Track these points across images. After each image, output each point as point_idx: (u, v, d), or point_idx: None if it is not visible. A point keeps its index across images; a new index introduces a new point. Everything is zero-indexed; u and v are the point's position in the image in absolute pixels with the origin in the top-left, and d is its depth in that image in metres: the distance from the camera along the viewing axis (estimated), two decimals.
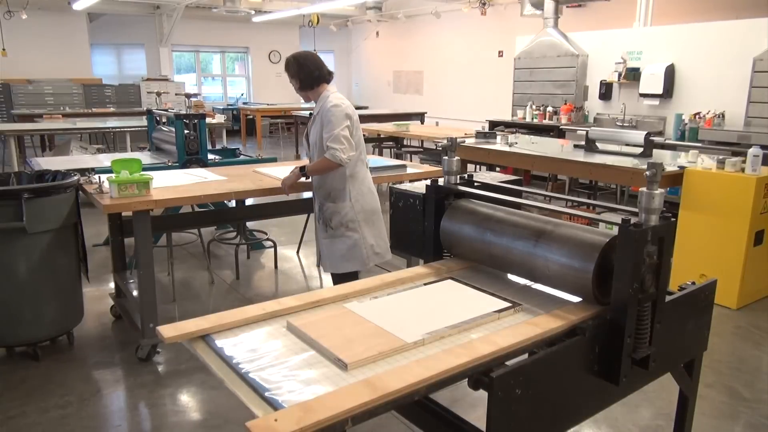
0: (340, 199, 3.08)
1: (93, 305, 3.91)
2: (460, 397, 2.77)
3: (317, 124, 3.03)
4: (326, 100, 3.00)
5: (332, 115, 2.95)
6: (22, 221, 2.92)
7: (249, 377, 1.35)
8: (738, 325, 3.81)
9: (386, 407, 1.27)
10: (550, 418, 1.57)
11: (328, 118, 2.94)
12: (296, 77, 3.04)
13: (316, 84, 3.04)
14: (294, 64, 3.04)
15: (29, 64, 11.75)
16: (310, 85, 3.04)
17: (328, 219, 3.11)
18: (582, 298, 1.77)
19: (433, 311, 1.71)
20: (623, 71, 7.31)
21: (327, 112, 2.96)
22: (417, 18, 12.71)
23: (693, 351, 1.97)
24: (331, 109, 2.96)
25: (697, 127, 6.31)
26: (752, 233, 3.94)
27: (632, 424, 2.70)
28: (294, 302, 1.75)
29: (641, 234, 1.55)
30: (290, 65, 3.05)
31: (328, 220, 3.11)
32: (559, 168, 5.21)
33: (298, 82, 3.04)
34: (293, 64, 3.05)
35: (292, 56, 3.06)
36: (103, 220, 3.87)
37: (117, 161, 3.18)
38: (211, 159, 4.98)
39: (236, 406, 1.68)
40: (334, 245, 3.10)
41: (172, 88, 11.37)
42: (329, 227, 3.11)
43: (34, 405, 2.78)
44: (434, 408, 1.95)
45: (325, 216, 3.12)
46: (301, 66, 3.02)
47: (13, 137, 7.49)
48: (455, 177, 2.17)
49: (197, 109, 6.26)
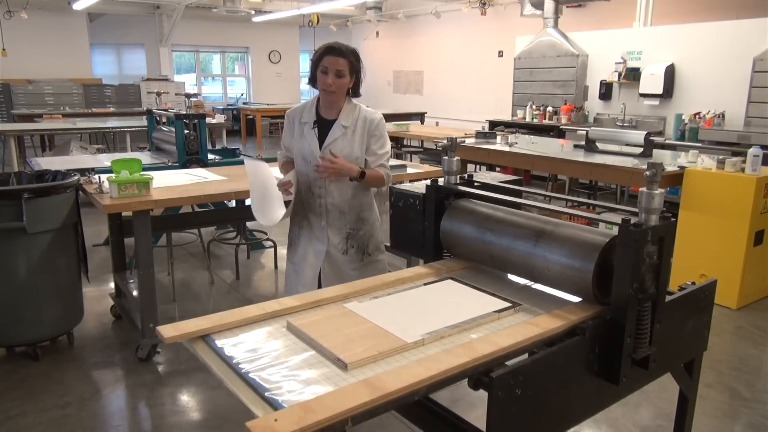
0: (372, 219, 2.65)
1: (93, 305, 3.91)
2: (460, 397, 2.77)
3: (349, 137, 2.50)
4: (362, 110, 2.54)
5: (384, 129, 2.56)
6: (22, 221, 2.92)
7: (249, 377, 1.35)
8: (738, 325, 3.81)
9: (386, 407, 1.27)
10: (550, 418, 1.57)
11: (381, 132, 2.54)
12: (355, 74, 2.47)
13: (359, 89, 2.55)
14: (357, 58, 2.47)
15: (29, 64, 11.75)
16: (358, 88, 2.53)
17: (365, 244, 2.62)
18: (582, 298, 1.77)
19: (433, 311, 1.71)
20: (623, 71, 7.31)
21: (377, 124, 2.53)
22: (417, 18, 12.71)
23: (693, 351, 1.97)
24: (381, 122, 2.55)
25: (697, 127, 6.31)
26: (752, 233, 3.94)
27: (632, 424, 2.70)
28: (294, 302, 1.75)
29: (641, 234, 1.55)
30: (352, 55, 2.44)
31: (364, 246, 2.61)
32: (559, 168, 5.21)
33: (352, 80, 2.47)
34: (356, 56, 2.46)
35: (351, 48, 2.46)
36: (103, 220, 3.87)
37: (117, 161, 3.18)
38: (211, 159, 4.98)
39: (236, 406, 1.67)
40: (367, 273, 2.52)
41: (172, 88, 11.36)
42: (366, 254, 2.62)
43: (34, 405, 2.78)
44: (434, 408, 1.95)
45: (361, 241, 2.60)
46: (360, 63, 2.49)
47: (13, 137, 7.49)
48: (455, 177, 2.17)
49: (197, 109, 6.25)
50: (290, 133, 2.59)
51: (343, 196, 2.54)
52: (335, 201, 2.53)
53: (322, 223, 2.57)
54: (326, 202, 2.54)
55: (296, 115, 2.58)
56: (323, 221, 2.56)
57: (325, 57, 2.39)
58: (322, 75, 2.40)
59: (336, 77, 2.39)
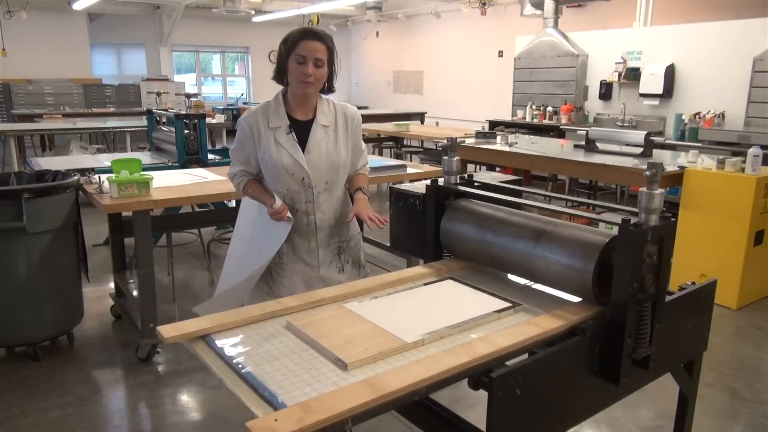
0: (356, 226, 2.35)
1: (93, 305, 3.91)
2: (460, 397, 2.77)
3: (332, 138, 2.19)
4: (336, 105, 2.24)
5: (361, 123, 2.30)
6: (22, 221, 2.92)
7: (249, 377, 1.35)
8: (738, 325, 3.81)
9: (386, 407, 1.27)
10: (550, 418, 1.57)
11: (360, 127, 2.29)
12: (331, 65, 2.13)
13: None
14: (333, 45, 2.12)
15: (29, 64, 11.74)
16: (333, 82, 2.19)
17: (358, 257, 2.36)
18: (582, 298, 1.77)
19: (433, 311, 1.71)
20: (623, 71, 7.31)
21: (357, 118, 2.27)
22: (417, 18, 12.71)
23: (693, 351, 1.97)
24: (358, 115, 2.28)
25: (697, 127, 6.31)
26: (752, 233, 3.94)
27: (632, 424, 2.70)
28: (294, 302, 1.75)
29: (641, 234, 1.55)
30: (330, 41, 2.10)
31: (358, 259, 2.35)
32: (559, 168, 5.21)
33: (329, 72, 2.13)
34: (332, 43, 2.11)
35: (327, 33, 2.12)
36: (103, 220, 3.87)
37: (117, 161, 3.18)
38: (211, 159, 4.98)
39: (236, 406, 1.68)
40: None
41: (172, 88, 11.36)
42: (361, 267, 2.36)
43: (34, 405, 2.78)
44: (434, 408, 1.95)
45: (354, 254, 2.33)
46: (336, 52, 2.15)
47: (13, 137, 7.48)
48: (455, 177, 2.17)
49: (197, 109, 6.26)
50: (251, 143, 2.17)
51: (332, 208, 2.23)
52: (325, 216, 2.21)
53: (311, 244, 2.21)
54: (316, 219, 2.19)
55: (257, 121, 2.16)
56: (312, 242, 2.20)
57: (301, 42, 2.04)
58: (297, 65, 2.05)
59: (315, 67, 2.04)
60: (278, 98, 2.21)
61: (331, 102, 2.24)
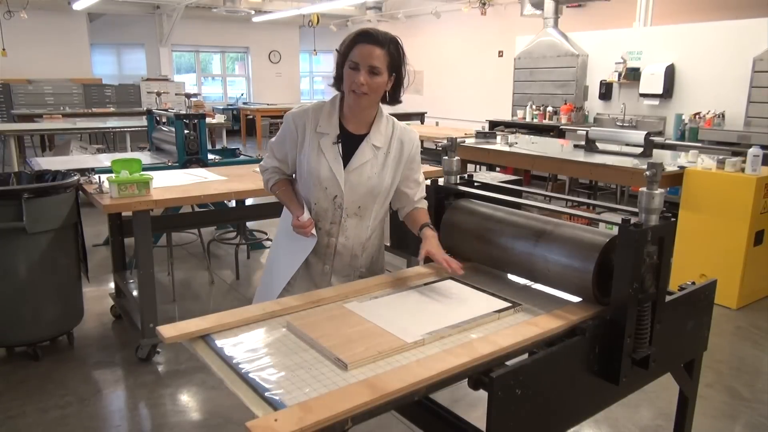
0: (382, 257, 2.20)
1: (93, 305, 3.91)
2: (460, 397, 2.77)
3: (380, 162, 1.94)
4: (397, 127, 1.99)
5: (419, 151, 2.05)
6: (22, 221, 2.92)
7: (249, 377, 1.35)
8: (738, 325, 3.81)
9: (386, 407, 1.27)
10: (550, 418, 1.57)
11: (418, 155, 2.05)
12: (395, 72, 1.86)
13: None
14: (398, 49, 1.85)
15: (29, 64, 11.75)
16: (398, 93, 1.93)
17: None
18: (582, 298, 1.77)
19: (433, 311, 1.71)
20: (623, 71, 7.31)
21: (415, 146, 2.02)
22: (417, 18, 12.71)
23: (693, 351, 1.97)
24: (417, 142, 2.03)
25: (697, 127, 6.31)
26: (752, 233, 3.94)
27: (632, 424, 2.70)
28: (294, 302, 1.75)
29: (641, 234, 1.55)
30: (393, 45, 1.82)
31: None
32: (559, 168, 5.21)
33: (391, 80, 1.86)
34: (397, 47, 1.84)
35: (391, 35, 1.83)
36: (103, 220, 3.87)
37: (117, 161, 3.18)
38: (211, 159, 4.98)
39: (236, 406, 1.68)
40: None
41: (172, 88, 11.36)
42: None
43: (34, 405, 2.79)
44: (434, 408, 1.94)
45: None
46: (403, 57, 1.87)
47: (13, 137, 7.49)
48: (455, 177, 2.17)
49: (197, 109, 6.26)
50: (293, 142, 1.95)
51: (359, 236, 2.00)
52: (348, 242, 1.99)
53: (325, 266, 2.01)
54: (337, 243, 1.99)
55: (306, 121, 1.93)
56: (327, 265, 2.01)
57: (355, 47, 1.79)
58: (351, 71, 1.80)
59: (369, 74, 1.78)
60: (335, 102, 1.95)
61: (391, 121, 1.99)
